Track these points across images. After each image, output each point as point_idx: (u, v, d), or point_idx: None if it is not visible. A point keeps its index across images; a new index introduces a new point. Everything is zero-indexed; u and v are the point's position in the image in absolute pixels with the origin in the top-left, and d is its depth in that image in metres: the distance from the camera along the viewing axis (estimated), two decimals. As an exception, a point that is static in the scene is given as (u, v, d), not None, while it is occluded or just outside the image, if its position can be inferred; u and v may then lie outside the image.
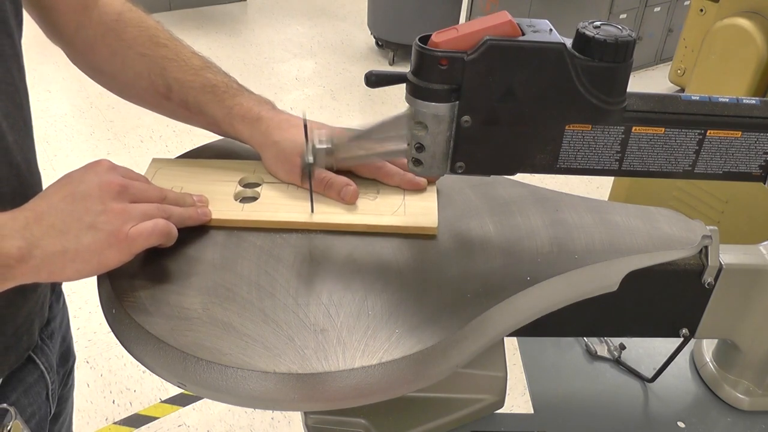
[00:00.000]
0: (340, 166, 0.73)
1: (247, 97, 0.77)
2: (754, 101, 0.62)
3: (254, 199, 0.73)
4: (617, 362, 0.88)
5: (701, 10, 3.01)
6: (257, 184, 0.75)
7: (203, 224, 0.68)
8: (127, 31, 0.78)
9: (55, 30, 0.80)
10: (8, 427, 0.85)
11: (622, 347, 0.89)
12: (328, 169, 0.73)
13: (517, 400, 0.91)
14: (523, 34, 0.56)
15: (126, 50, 0.77)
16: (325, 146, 0.67)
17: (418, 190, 0.74)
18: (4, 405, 0.81)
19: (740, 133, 0.62)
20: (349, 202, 0.71)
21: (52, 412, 0.86)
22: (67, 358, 0.90)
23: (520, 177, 0.66)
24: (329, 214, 0.70)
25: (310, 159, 0.67)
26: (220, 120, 0.76)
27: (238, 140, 0.78)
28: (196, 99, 0.76)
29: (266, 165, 0.76)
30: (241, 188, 0.74)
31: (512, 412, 0.80)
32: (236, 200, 0.72)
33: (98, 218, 0.59)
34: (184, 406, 1.91)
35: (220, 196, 0.72)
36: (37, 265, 0.57)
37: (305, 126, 0.67)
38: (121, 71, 0.79)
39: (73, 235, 0.58)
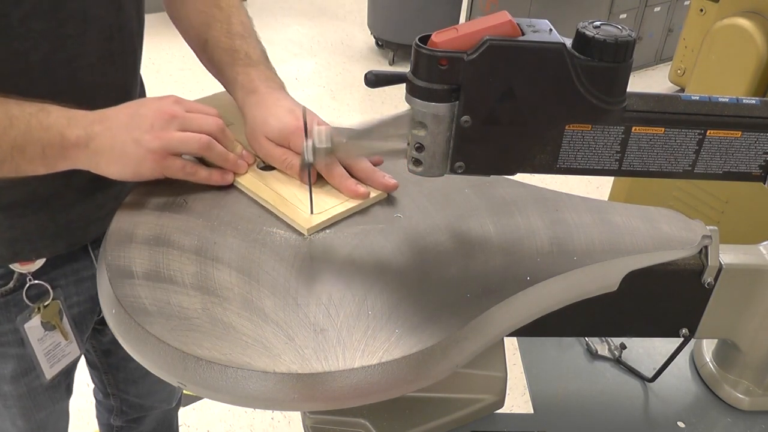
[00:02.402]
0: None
1: (258, 71, 0.81)
2: (754, 101, 0.62)
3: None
4: (617, 362, 0.88)
5: (701, 10, 3.01)
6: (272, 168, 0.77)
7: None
8: None
9: None
10: (46, 304, 0.88)
11: (623, 347, 0.89)
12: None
13: (517, 400, 0.91)
14: (523, 34, 0.56)
15: (192, 2, 0.89)
16: (325, 146, 0.67)
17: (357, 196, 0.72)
18: (43, 282, 0.87)
19: (740, 133, 0.62)
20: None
21: (101, 315, 0.87)
22: None
23: (520, 177, 0.66)
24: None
25: (310, 158, 0.66)
26: (228, 83, 0.83)
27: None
28: (220, 59, 0.84)
29: (245, 136, 0.80)
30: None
31: (512, 412, 0.80)
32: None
33: (143, 136, 0.69)
34: (184, 406, 1.91)
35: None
36: (89, 154, 0.69)
37: (305, 124, 0.67)
38: (184, 18, 0.91)
39: (121, 142, 0.69)
